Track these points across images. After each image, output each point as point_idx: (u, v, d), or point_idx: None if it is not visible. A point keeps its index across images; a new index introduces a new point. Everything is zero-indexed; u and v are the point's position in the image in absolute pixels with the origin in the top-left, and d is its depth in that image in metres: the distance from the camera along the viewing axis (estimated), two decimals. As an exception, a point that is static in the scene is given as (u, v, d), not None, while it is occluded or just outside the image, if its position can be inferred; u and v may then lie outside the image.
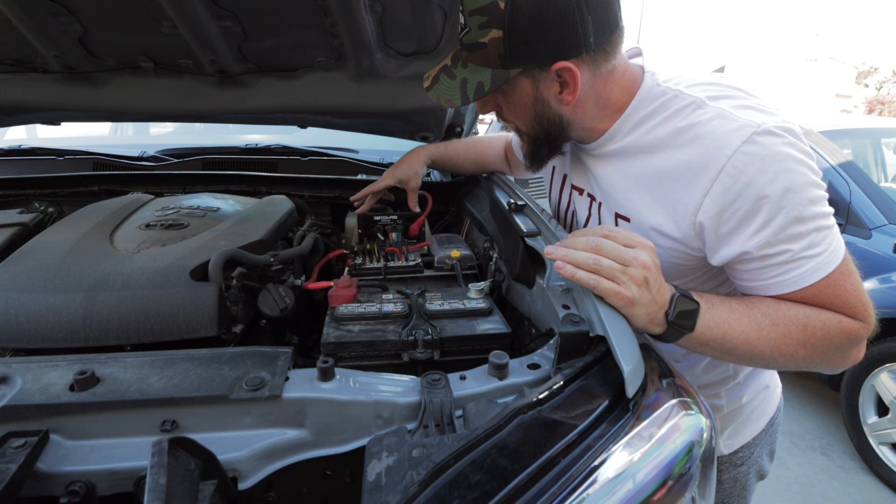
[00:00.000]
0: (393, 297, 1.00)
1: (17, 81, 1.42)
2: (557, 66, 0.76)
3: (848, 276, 0.74)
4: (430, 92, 0.88)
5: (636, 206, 0.84)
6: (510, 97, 0.84)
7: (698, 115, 0.76)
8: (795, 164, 0.70)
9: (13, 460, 0.55)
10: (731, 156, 0.71)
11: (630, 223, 0.85)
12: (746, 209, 0.71)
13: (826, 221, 0.72)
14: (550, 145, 0.91)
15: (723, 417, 1.02)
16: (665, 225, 0.80)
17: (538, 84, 0.81)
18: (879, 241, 2.46)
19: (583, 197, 0.98)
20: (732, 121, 0.73)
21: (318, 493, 0.76)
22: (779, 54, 25.64)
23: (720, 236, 0.75)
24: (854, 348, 0.76)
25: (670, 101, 0.80)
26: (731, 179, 0.71)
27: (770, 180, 0.70)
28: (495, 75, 0.79)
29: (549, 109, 0.84)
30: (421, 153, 1.41)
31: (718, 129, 0.73)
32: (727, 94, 0.79)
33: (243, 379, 0.66)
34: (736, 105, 0.76)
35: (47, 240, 1.03)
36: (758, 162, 0.70)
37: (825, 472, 2.49)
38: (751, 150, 0.70)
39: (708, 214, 0.74)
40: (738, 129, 0.72)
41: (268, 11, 1.20)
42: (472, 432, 0.57)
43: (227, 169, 1.74)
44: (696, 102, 0.78)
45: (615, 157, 0.87)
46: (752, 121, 0.72)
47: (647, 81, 0.82)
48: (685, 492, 0.57)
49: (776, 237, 0.71)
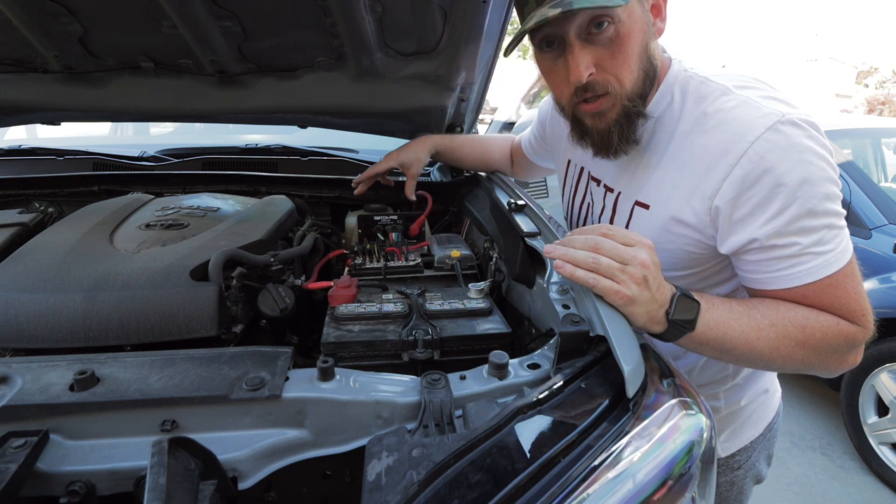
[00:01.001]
0: (393, 297, 1.00)
1: (17, 81, 1.42)
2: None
3: (851, 279, 0.74)
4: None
5: (657, 191, 0.84)
6: (623, 27, 0.76)
7: (724, 101, 0.77)
8: (815, 157, 0.71)
9: (13, 460, 0.55)
10: (754, 142, 0.72)
11: (649, 210, 0.86)
12: (762, 195, 0.72)
13: (838, 221, 0.73)
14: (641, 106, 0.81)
15: (721, 420, 1.01)
16: (683, 210, 0.80)
17: (644, 5, 0.78)
18: (879, 241, 2.46)
19: (600, 188, 0.98)
20: (757, 109, 0.74)
21: (318, 493, 0.76)
22: (779, 54, 25.64)
23: (734, 221, 0.75)
24: (851, 352, 0.77)
25: (697, 87, 0.81)
26: (752, 165, 0.72)
27: (789, 169, 0.70)
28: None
29: (652, 41, 0.80)
30: (427, 141, 1.42)
31: (743, 115, 0.74)
32: (753, 84, 0.80)
33: (243, 379, 0.66)
34: (761, 95, 0.77)
35: (47, 240, 1.03)
36: (779, 150, 0.71)
37: (825, 472, 2.49)
38: (773, 138, 0.71)
39: (725, 199, 0.74)
40: (762, 117, 0.73)
41: (268, 11, 1.20)
42: (472, 432, 0.57)
43: (227, 169, 1.74)
44: (722, 89, 0.79)
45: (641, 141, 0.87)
46: (778, 110, 0.73)
47: (675, 67, 0.83)
48: (685, 492, 0.57)
49: (787, 228, 0.72)
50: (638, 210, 0.88)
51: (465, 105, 1.60)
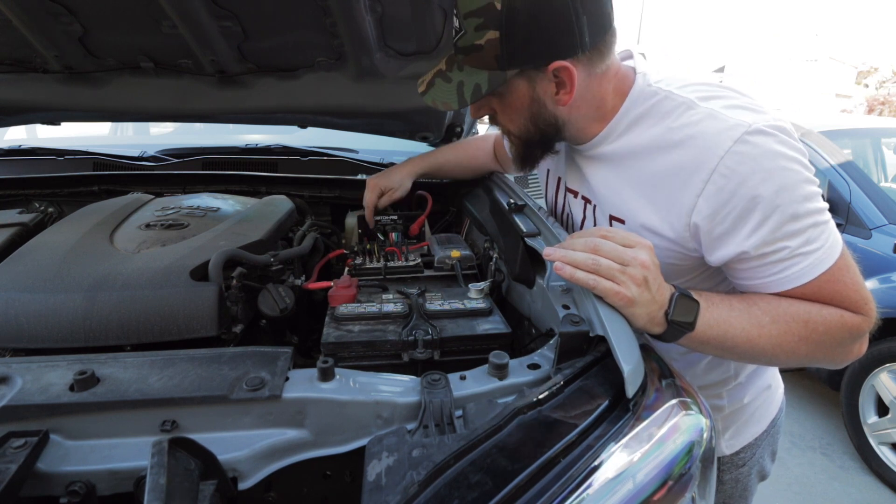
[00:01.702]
0: (393, 297, 1.00)
1: (17, 81, 1.42)
2: (554, 65, 0.77)
3: (847, 271, 0.74)
4: (425, 96, 0.87)
5: (630, 207, 0.84)
6: (506, 99, 0.84)
7: (689, 115, 0.77)
8: (788, 161, 0.71)
9: (13, 460, 0.55)
10: (723, 156, 0.71)
11: (625, 225, 0.86)
12: (740, 209, 0.71)
13: (821, 217, 0.72)
14: (544, 146, 0.91)
15: (724, 418, 1.02)
16: (659, 226, 0.80)
17: (535, 85, 0.81)
18: (879, 241, 2.46)
19: (577, 200, 0.98)
20: (723, 121, 0.73)
21: (318, 493, 0.76)
22: (779, 54, 25.62)
23: (715, 237, 0.75)
24: (856, 342, 0.76)
25: (661, 102, 0.80)
26: (724, 180, 0.71)
27: (763, 179, 0.70)
28: (492, 77, 0.79)
29: (545, 110, 0.84)
30: (410, 168, 1.39)
31: (709, 129, 0.73)
32: (718, 94, 0.79)
33: (243, 379, 0.66)
34: (726, 105, 0.76)
35: (47, 240, 1.03)
36: (749, 161, 0.70)
37: (825, 472, 2.49)
38: (742, 150, 0.70)
39: (702, 215, 0.74)
40: (728, 129, 0.72)
41: (268, 11, 1.20)
42: (472, 432, 0.57)
43: (227, 169, 1.74)
44: (686, 103, 0.78)
45: (609, 158, 0.87)
46: (743, 120, 0.72)
47: (639, 82, 0.83)
48: (685, 492, 0.57)
49: (773, 235, 0.71)
50: (615, 223, 0.88)
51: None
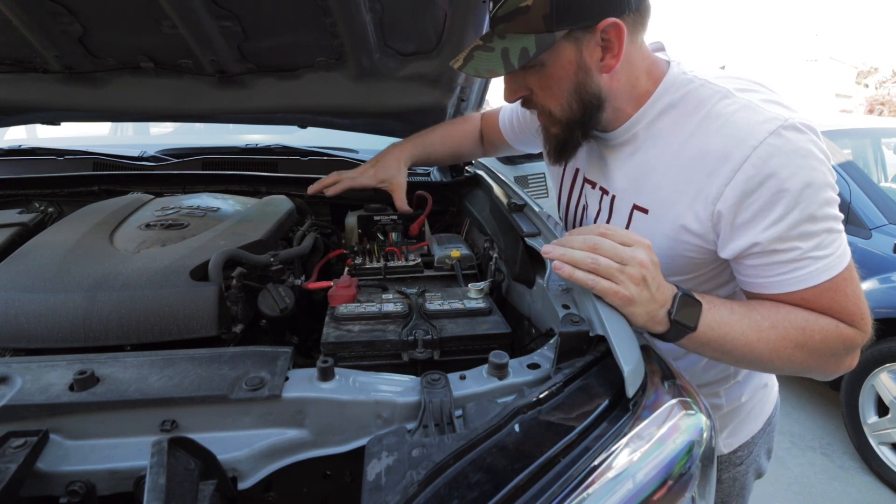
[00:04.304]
0: (393, 296, 1.00)
1: (17, 81, 1.42)
2: (604, 23, 0.75)
3: (850, 283, 0.74)
4: (465, 68, 0.83)
5: (656, 195, 0.84)
6: (549, 71, 0.81)
7: (725, 104, 0.77)
8: (817, 162, 0.71)
9: (13, 460, 0.55)
10: (757, 146, 0.71)
11: (648, 214, 0.85)
12: (765, 200, 0.72)
13: (836, 225, 0.73)
14: (584, 128, 0.87)
15: (722, 417, 1.02)
16: (684, 215, 0.80)
17: (582, 48, 0.78)
18: (879, 241, 2.46)
19: (595, 191, 0.98)
20: (759, 113, 0.74)
21: (318, 493, 0.76)
22: (779, 54, 25.63)
23: (736, 226, 0.75)
24: (849, 355, 0.77)
25: (698, 90, 0.81)
26: (754, 170, 0.72)
27: (792, 174, 0.70)
28: (539, 39, 0.76)
29: (590, 80, 0.81)
30: (400, 154, 1.31)
31: (745, 119, 0.74)
32: (753, 87, 0.80)
33: (243, 379, 0.66)
34: (762, 99, 0.77)
35: (47, 240, 1.03)
36: (782, 155, 0.70)
37: (825, 472, 2.49)
38: (776, 143, 0.71)
39: (727, 204, 0.74)
40: (764, 122, 0.72)
41: (268, 11, 1.20)
42: (472, 432, 0.57)
43: (227, 169, 1.74)
44: (722, 92, 0.78)
45: (637, 145, 0.87)
46: (780, 114, 0.73)
47: (674, 70, 0.83)
48: (685, 492, 0.57)
49: (788, 233, 0.72)
50: (637, 214, 0.87)
51: (465, 105, 1.60)
